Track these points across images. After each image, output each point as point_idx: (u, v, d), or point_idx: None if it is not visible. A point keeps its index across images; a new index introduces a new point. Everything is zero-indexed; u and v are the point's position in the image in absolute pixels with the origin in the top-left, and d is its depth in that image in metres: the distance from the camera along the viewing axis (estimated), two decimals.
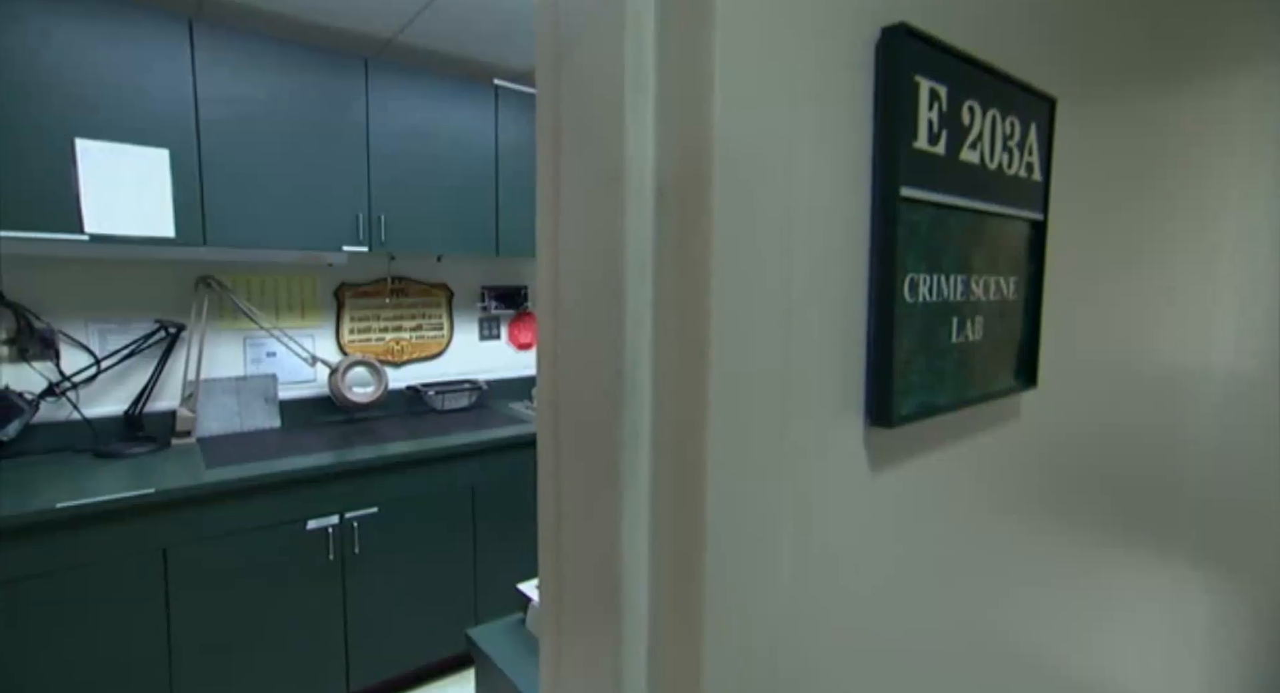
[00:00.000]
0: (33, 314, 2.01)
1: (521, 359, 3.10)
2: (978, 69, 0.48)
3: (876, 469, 0.50)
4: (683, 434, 0.39)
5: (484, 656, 1.18)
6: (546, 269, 0.47)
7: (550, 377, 0.47)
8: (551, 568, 0.49)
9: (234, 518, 1.85)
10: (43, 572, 1.60)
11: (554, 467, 0.47)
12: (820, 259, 0.44)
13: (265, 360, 2.45)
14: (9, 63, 1.71)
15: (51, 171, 1.78)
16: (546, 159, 0.47)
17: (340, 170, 2.24)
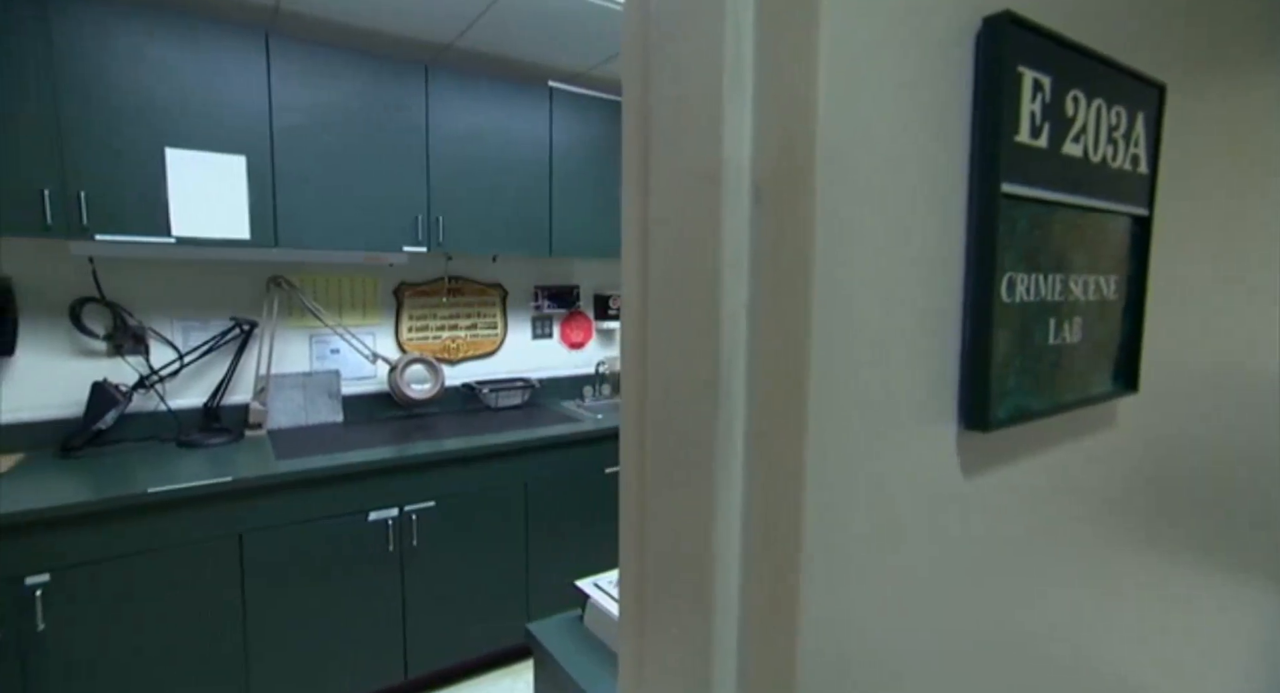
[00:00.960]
0: (127, 312, 2.14)
1: (573, 358, 3.13)
2: (1084, 57, 0.46)
3: (969, 474, 0.48)
4: (780, 433, 0.38)
5: (543, 650, 1.20)
6: (633, 268, 0.47)
7: (636, 374, 0.47)
8: (634, 566, 0.49)
9: (302, 508, 1.93)
10: (135, 551, 1.71)
11: (638, 464, 0.47)
12: (916, 257, 0.43)
13: (329, 357, 2.55)
14: (109, 80, 1.83)
15: (145, 179, 1.90)
16: (634, 159, 0.47)
17: (401, 173, 2.31)
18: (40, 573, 1.60)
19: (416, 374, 2.59)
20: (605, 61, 2.61)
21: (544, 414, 2.69)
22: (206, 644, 1.82)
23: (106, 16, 1.82)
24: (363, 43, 2.38)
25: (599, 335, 3.21)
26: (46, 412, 2.06)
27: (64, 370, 2.09)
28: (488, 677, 2.33)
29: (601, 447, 2.50)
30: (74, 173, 1.80)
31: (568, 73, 2.73)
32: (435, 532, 2.16)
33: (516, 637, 2.35)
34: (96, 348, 2.14)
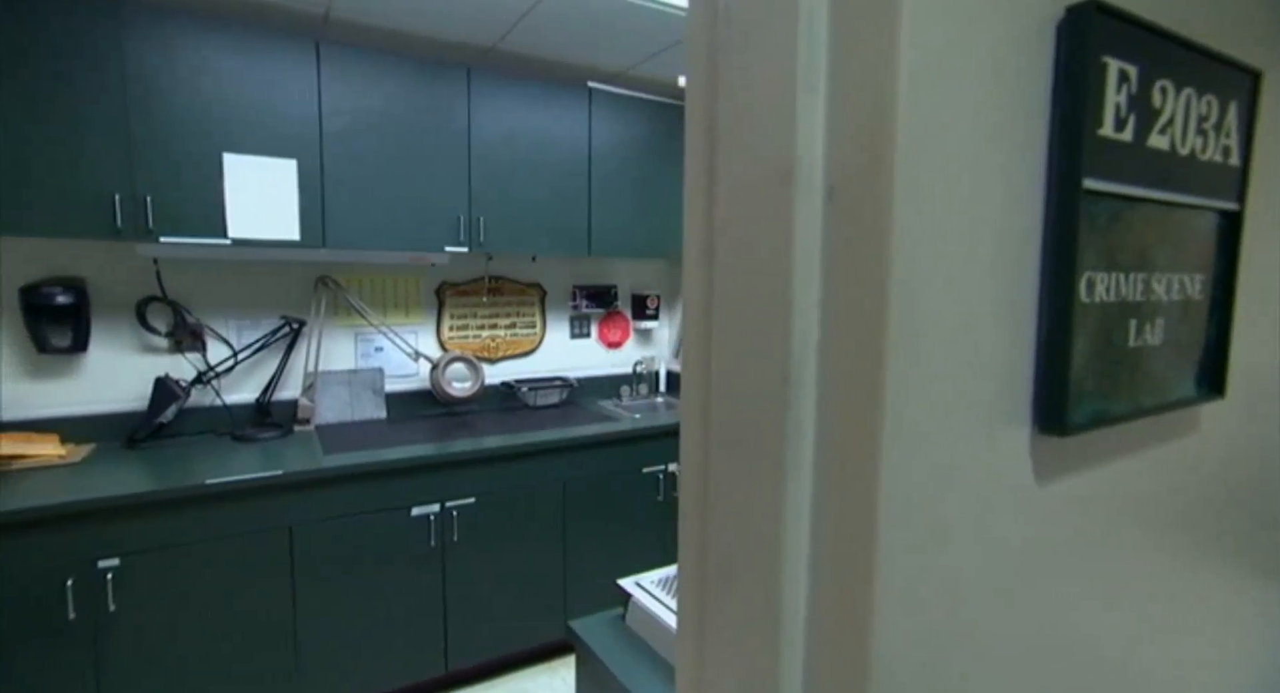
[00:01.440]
0: (186, 311, 2.24)
1: (610, 357, 3.15)
2: (1174, 44, 0.44)
3: (1042, 479, 0.47)
4: (854, 434, 0.38)
5: (586, 648, 1.20)
6: (697, 267, 0.47)
7: (699, 374, 0.47)
8: (694, 569, 0.48)
9: (348, 501, 1.99)
10: (195, 539, 1.78)
11: (700, 465, 0.47)
12: (992, 255, 0.41)
13: (373, 355, 2.61)
14: (173, 90, 1.91)
15: (204, 184, 1.98)
16: (698, 159, 0.47)
17: (443, 175, 2.35)
18: (111, 557, 1.68)
19: (457, 372, 2.63)
20: (644, 61, 2.62)
21: (582, 413, 2.71)
22: (259, 630, 1.88)
23: (173, 29, 1.90)
24: (408, 48, 2.43)
25: (636, 335, 3.21)
26: (114, 405, 2.17)
27: (130, 366, 2.20)
28: (525, 672, 2.35)
29: (639, 446, 2.50)
30: (141, 179, 1.89)
31: (607, 73, 2.74)
32: (475, 528, 2.19)
33: (554, 634, 2.37)
34: (159, 345, 2.24)
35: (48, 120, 1.77)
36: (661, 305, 3.20)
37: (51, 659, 1.64)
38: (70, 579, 1.64)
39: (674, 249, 2.93)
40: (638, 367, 3.09)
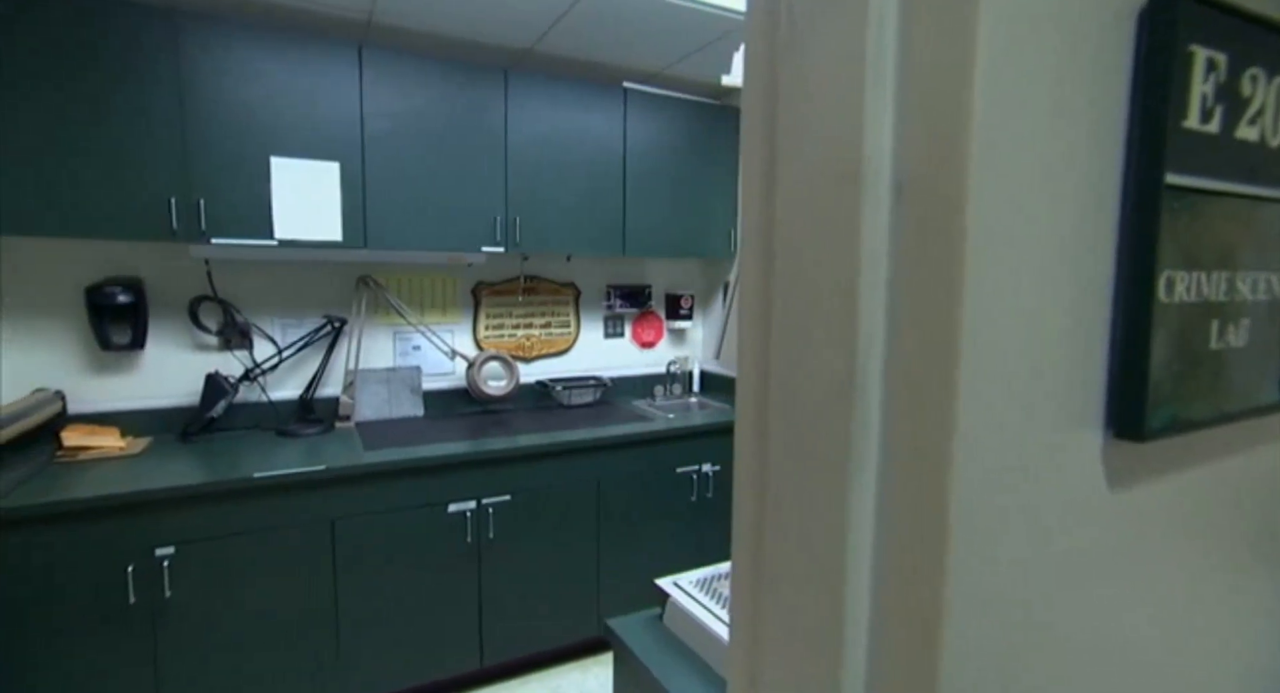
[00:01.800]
0: (235, 309, 2.31)
1: (644, 357, 3.15)
2: (1266, 30, 0.42)
3: (1115, 486, 0.45)
4: (924, 437, 0.37)
5: (624, 647, 1.21)
6: (755, 269, 0.46)
7: (756, 375, 0.46)
8: (748, 576, 0.48)
9: (387, 497, 2.03)
10: (243, 530, 1.84)
11: (758, 467, 0.46)
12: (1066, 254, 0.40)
13: (411, 353, 2.66)
14: (225, 96, 1.98)
15: (252, 186, 2.04)
16: (756, 159, 0.46)
17: (481, 176, 2.38)
18: (167, 545, 1.75)
19: (493, 371, 2.66)
20: (679, 61, 2.61)
21: (616, 412, 2.72)
22: (303, 619, 1.93)
23: (225, 39, 1.97)
24: (446, 51, 2.47)
25: (670, 335, 3.21)
26: (169, 400, 2.25)
27: (183, 363, 2.28)
28: (558, 669, 2.37)
29: (673, 446, 2.49)
30: (195, 182, 1.96)
31: (642, 73, 2.74)
32: (511, 525, 2.21)
33: (586, 631, 2.38)
34: (209, 342, 2.32)
35: (110, 128, 1.85)
36: (695, 305, 3.19)
37: (115, 641, 1.72)
38: (131, 566, 1.71)
39: (709, 249, 2.92)
40: (671, 367, 3.08)
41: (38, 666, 1.65)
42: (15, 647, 1.62)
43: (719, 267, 3.12)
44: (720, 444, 2.59)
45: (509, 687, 2.27)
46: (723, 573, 1.34)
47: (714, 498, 2.59)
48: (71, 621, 1.67)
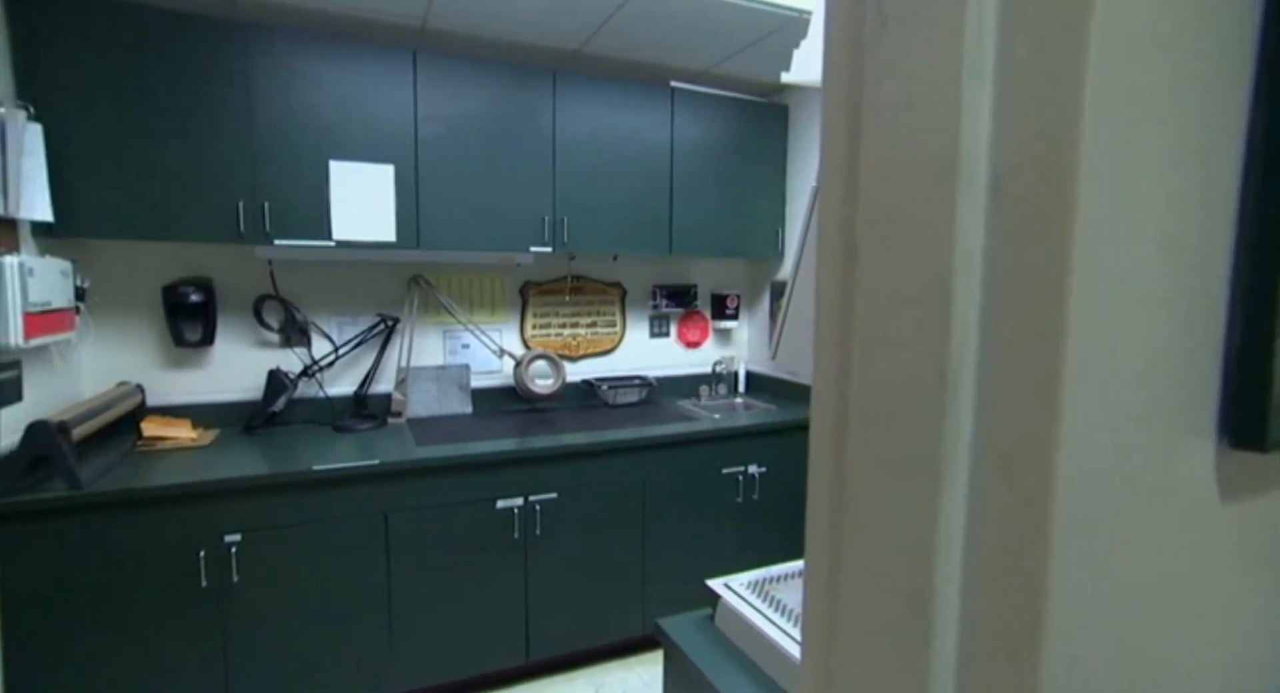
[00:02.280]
0: (295, 308, 2.40)
1: (689, 357, 3.14)
2: None
3: (1229, 499, 0.42)
4: (1024, 443, 0.35)
5: (675, 647, 1.20)
6: (834, 266, 0.45)
7: (834, 378, 0.45)
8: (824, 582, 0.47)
9: (438, 492, 2.07)
10: (303, 520, 1.91)
11: (835, 471, 0.45)
12: (1181, 251, 0.37)
13: (460, 352, 2.71)
14: (289, 102, 2.06)
15: (312, 189, 2.11)
16: (837, 153, 0.45)
17: (529, 177, 2.41)
18: (235, 533, 1.83)
19: (540, 370, 2.69)
20: (727, 58, 2.58)
21: (661, 412, 2.71)
22: (358, 609, 2.00)
23: (290, 48, 2.05)
24: (497, 53, 2.51)
25: (715, 335, 3.19)
26: (235, 394, 2.36)
27: (247, 359, 2.38)
28: (603, 667, 2.38)
29: (719, 447, 2.48)
30: (261, 187, 2.04)
31: (689, 72, 2.73)
32: (557, 522, 2.23)
33: (631, 630, 2.39)
34: (271, 340, 2.41)
35: (188, 138, 1.95)
36: (741, 305, 3.16)
37: (188, 620, 1.81)
38: (202, 551, 1.79)
39: (755, 249, 2.88)
40: (717, 367, 3.06)
41: (120, 639, 1.75)
42: (101, 620, 1.72)
43: (765, 266, 3.08)
44: (767, 446, 2.56)
45: (554, 683, 2.30)
46: (774, 576, 1.32)
47: (760, 500, 2.56)
48: (150, 599, 1.76)
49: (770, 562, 1.37)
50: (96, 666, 1.73)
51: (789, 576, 1.33)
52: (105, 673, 1.74)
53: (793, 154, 2.89)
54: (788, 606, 1.20)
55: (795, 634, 1.09)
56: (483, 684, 2.24)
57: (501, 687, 2.26)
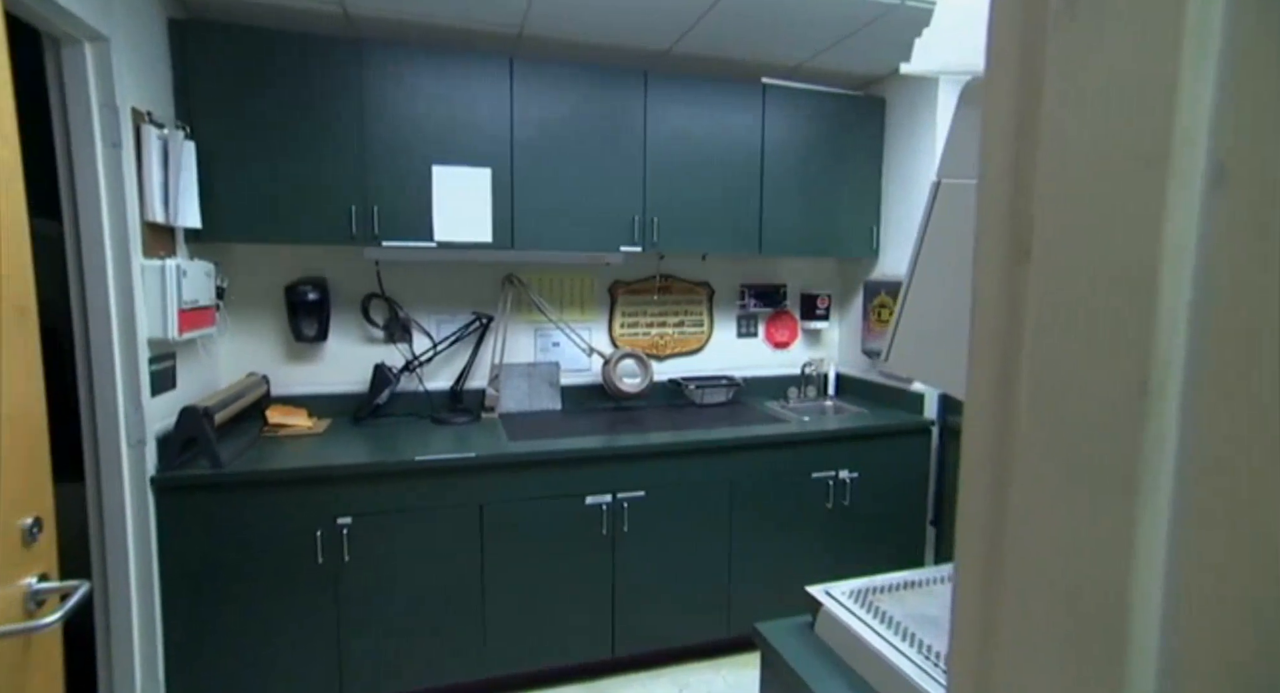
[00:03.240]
0: (398, 306, 2.54)
1: (777, 358, 3.07)
2: None
3: None
4: (1243, 454, 0.31)
5: (774, 652, 1.18)
6: (998, 264, 0.42)
7: (996, 381, 0.42)
8: (977, 606, 0.44)
9: (530, 486, 2.13)
10: (406, 507, 2.02)
11: (996, 484, 0.42)
12: None
13: (551, 350, 2.78)
14: (397, 110, 2.18)
15: (417, 193, 2.23)
16: (1003, 147, 0.42)
17: (620, 177, 2.43)
18: (346, 516, 1.96)
19: (628, 368, 2.72)
20: (822, 52, 2.51)
21: (749, 413, 2.67)
22: (455, 594, 2.09)
23: (398, 60, 2.17)
24: (589, 56, 2.55)
25: (805, 335, 3.11)
26: (345, 387, 2.52)
27: (355, 354, 2.54)
28: (687, 667, 2.37)
29: (809, 450, 2.41)
30: (370, 191, 2.17)
31: (781, 68, 2.67)
32: (644, 520, 2.25)
33: (716, 632, 2.37)
34: (376, 336, 2.57)
35: (308, 148, 2.10)
36: (832, 306, 3.06)
37: (306, 595, 1.95)
38: (319, 531, 1.93)
39: (848, 248, 2.79)
40: (806, 368, 2.98)
41: (252, 603, 1.91)
42: (235, 585, 1.89)
43: (859, 266, 2.97)
44: (859, 450, 2.47)
45: (639, 679, 2.31)
46: (878, 586, 1.27)
47: (852, 506, 2.47)
48: (275, 570, 1.92)
49: (863, 571, 1.31)
50: (232, 623, 1.90)
51: (893, 587, 1.28)
52: (240, 629, 1.91)
53: (890, 148, 2.77)
54: (894, 618, 1.15)
55: (904, 648, 1.05)
56: (570, 675, 2.29)
57: (588, 679, 2.29)
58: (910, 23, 2.20)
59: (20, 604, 0.84)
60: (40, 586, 0.87)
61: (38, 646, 0.88)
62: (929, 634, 1.07)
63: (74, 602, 0.87)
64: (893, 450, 2.53)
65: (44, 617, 0.84)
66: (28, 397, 0.90)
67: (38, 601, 0.87)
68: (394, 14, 2.19)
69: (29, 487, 0.89)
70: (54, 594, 0.89)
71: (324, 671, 1.98)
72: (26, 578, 0.86)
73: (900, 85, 2.71)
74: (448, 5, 2.12)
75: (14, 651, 0.83)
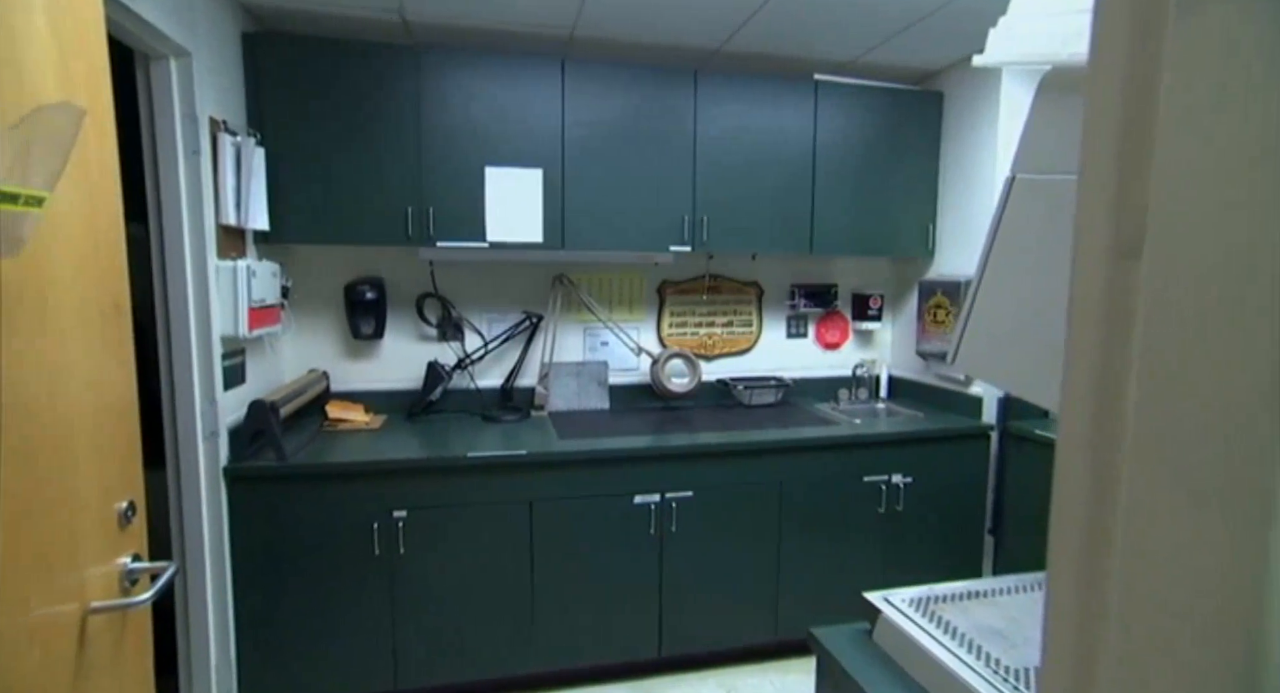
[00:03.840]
0: (451, 305, 2.60)
1: (827, 359, 3.02)
2: None
3: None
4: None
5: (831, 659, 1.15)
6: (1102, 264, 0.40)
7: (1097, 394, 0.40)
8: (1074, 629, 0.42)
9: (579, 484, 2.15)
10: (458, 502, 2.07)
11: (1099, 499, 0.40)
12: None
13: (599, 349, 2.80)
14: (452, 114, 2.23)
15: (470, 194, 2.27)
16: (1108, 143, 0.40)
17: (670, 177, 2.43)
18: (402, 509, 2.02)
19: (676, 368, 2.71)
20: (876, 47, 2.45)
21: (798, 414, 2.63)
22: (504, 588, 2.12)
23: (453, 65, 2.22)
24: (639, 56, 2.55)
25: (856, 336, 3.04)
26: (399, 383, 2.60)
27: (410, 351, 2.61)
28: (734, 669, 2.35)
29: (860, 453, 2.36)
30: (426, 193, 2.23)
31: (834, 63, 2.62)
32: (692, 521, 2.24)
33: (764, 635, 2.34)
34: (430, 334, 2.63)
35: (368, 152, 2.17)
36: (885, 306, 2.99)
37: (364, 584, 2.02)
38: (375, 523, 1.99)
39: (902, 247, 2.71)
40: (858, 370, 2.92)
41: (313, 589, 1.99)
42: (294, 574, 1.97)
43: (913, 266, 2.89)
44: (914, 455, 2.40)
45: (685, 680, 2.30)
46: (939, 595, 1.23)
47: (905, 511, 2.41)
48: (335, 559, 1.99)
49: (915, 579, 1.28)
50: (296, 606, 1.99)
51: (955, 596, 1.23)
52: (303, 613, 1.99)
53: (948, 144, 2.69)
54: (957, 628, 1.11)
55: (970, 660, 1.01)
56: (616, 673, 2.30)
57: (634, 678, 2.30)
58: (971, 14, 2.13)
59: (118, 582, 0.90)
60: (134, 565, 0.93)
61: (132, 620, 0.94)
62: (996, 647, 1.04)
63: (164, 581, 0.93)
64: (949, 455, 2.45)
65: (139, 594, 0.90)
66: (123, 388, 0.96)
67: (131, 579, 0.92)
68: (450, 20, 2.24)
69: (124, 473, 0.95)
70: (145, 573, 0.94)
71: (379, 657, 2.05)
72: (122, 558, 0.92)
73: (959, 78, 2.62)
74: (502, 9, 2.16)
75: (114, 624, 0.89)
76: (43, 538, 0.75)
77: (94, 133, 0.88)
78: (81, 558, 0.83)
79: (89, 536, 0.85)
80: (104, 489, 0.89)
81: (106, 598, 0.87)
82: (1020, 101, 2.42)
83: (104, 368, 0.91)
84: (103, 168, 0.92)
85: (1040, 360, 0.90)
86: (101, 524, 0.88)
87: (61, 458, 0.80)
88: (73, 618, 0.81)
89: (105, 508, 0.89)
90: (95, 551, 0.86)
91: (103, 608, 0.85)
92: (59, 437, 0.79)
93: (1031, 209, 0.90)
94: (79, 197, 0.85)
